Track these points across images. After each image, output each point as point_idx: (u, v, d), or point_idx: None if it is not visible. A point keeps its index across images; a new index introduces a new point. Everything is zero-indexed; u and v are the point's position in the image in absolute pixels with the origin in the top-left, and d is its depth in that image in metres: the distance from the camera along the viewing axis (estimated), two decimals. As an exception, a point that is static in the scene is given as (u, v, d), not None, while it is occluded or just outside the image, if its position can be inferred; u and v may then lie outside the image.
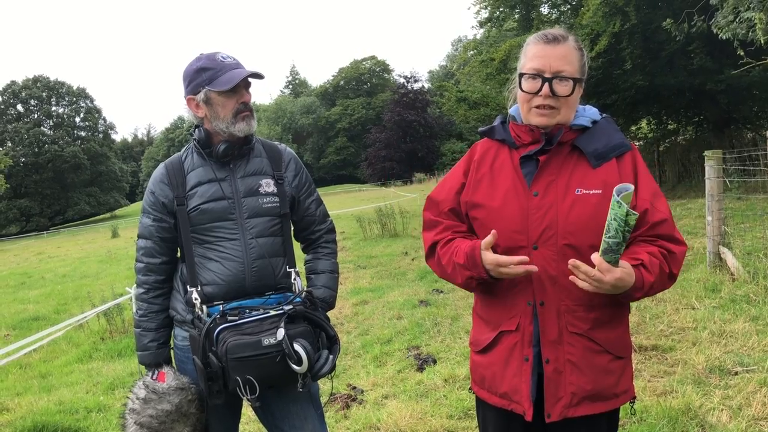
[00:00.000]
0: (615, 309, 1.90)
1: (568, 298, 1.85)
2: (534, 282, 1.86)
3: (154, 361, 2.39)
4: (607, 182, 1.83)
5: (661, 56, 13.76)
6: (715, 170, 6.56)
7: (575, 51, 1.88)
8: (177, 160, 2.41)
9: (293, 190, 2.48)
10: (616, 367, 1.90)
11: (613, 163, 1.87)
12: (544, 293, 1.86)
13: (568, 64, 1.84)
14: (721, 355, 4.32)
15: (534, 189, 1.88)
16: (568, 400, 1.86)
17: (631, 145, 1.91)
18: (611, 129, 1.92)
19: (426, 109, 63.26)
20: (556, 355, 1.87)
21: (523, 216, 1.87)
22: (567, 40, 1.87)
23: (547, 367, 1.87)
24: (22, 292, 14.16)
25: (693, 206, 11.27)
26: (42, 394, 5.67)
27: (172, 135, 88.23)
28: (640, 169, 1.88)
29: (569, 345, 1.86)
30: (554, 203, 1.85)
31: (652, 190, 1.87)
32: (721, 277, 6.15)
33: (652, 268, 1.77)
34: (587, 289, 1.73)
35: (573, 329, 1.86)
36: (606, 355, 1.88)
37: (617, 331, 1.92)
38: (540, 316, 1.87)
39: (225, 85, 2.24)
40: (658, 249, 1.82)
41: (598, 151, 1.87)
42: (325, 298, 2.51)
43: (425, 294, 7.72)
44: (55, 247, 31.47)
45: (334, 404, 4.39)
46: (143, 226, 2.41)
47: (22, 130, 68.96)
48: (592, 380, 1.87)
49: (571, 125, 1.91)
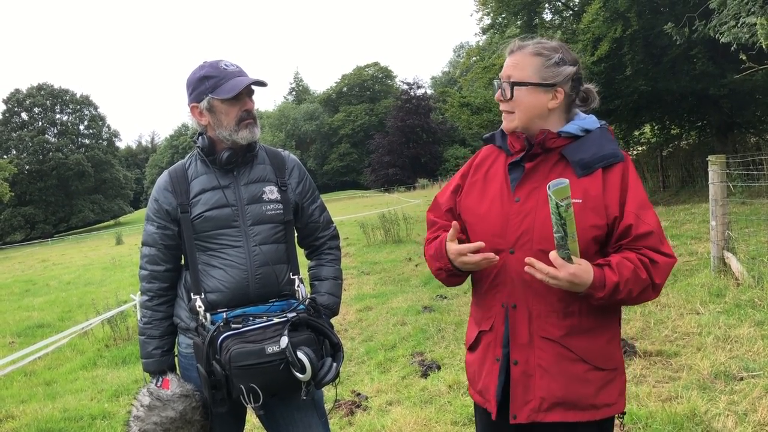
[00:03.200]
0: (597, 318, 1.88)
1: (542, 303, 1.87)
2: (509, 285, 1.92)
3: (159, 369, 2.39)
4: (589, 192, 1.84)
5: (664, 61, 13.76)
6: (718, 175, 6.55)
7: (529, 57, 1.92)
8: (181, 167, 2.42)
9: (297, 196, 2.48)
10: (595, 377, 1.87)
11: (599, 173, 1.87)
12: (517, 297, 1.90)
13: (517, 69, 1.92)
14: (727, 360, 4.31)
15: (517, 195, 1.93)
16: (537, 404, 1.88)
17: (624, 156, 1.91)
18: (604, 139, 1.93)
19: (429, 115, 63.29)
20: (526, 358, 1.89)
21: (504, 221, 1.92)
22: (523, 48, 1.94)
23: (515, 368, 1.90)
24: (27, 300, 14.18)
25: (697, 211, 11.25)
26: (47, 401, 5.68)
27: (176, 142, 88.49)
28: (630, 181, 1.87)
29: (540, 350, 1.88)
30: (533, 209, 1.88)
31: (639, 203, 1.85)
32: (726, 282, 6.13)
33: (621, 270, 1.75)
34: (547, 284, 1.75)
35: (544, 334, 1.87)
36: (582, 364, 1.87)
37: (598, 341, 1.89)
38: (511, 319, 1.91)
39: (228, 93, 2.25)
40: (638, 255, 1.80)
41: (584, 161, 1.87)
42: (329, 304, 2.51)
43: (429, 300, 7.71)
44: (60, 255, 31.53)
45: (339, 411, 4.38)
46: (147, 233, 2.42)
47: (26, 138, 69.26)
48: (564, 386, 1.86)
49: (560, 132, 1.92)
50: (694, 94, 14.87)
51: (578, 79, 1.97)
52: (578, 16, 15.73)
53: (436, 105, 58.95)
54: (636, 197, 1.86)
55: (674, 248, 8.19)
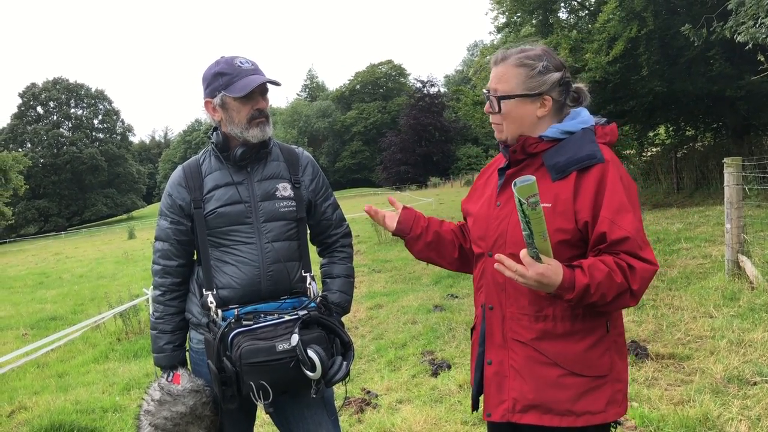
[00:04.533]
0: (575, 323, 1.84)
1: (514, 305, 1.90)
2: (485, 287, 2.00)
3: (170, 364, 2.39)
4: (559, 196, 1.82)
5: (680, 62, 13.63)
6: (734, 177, 6.49)
7: (512, 68, 1.91)
8: (195, 163, 2.42)
9: (310, 194, 2.48)
10: (572, 383, 1.83)
11: (572, 177, 1.83)
12: (492, 298, 1.97)
13: (501, 82, 1.92)
14: (740, 364, 4.27)
15: (498, 199, 1.99)
16: (510, 405, 1.90)
17: (603, 157, 1.83)
18: (584, 141, 1.87)
19: (442, 113, 63.21)
20: (500, 359, 1.94)
21: (485, 224, 2.00)
22: (506, 59, 1.93)
23: (489, 368, 1.96)
24: (40, 292, 14.31)
25: (711, 213, 11.15)
26: (59, 393, 5.72)
27: (189, 137, 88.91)
28: (607, 183, 1.80)
29: (512, 351, 1.91)
30: (509, 214, 1.92)
31: (616, 207, 1.77)
32: (740, 286, 6.08)
33: (593, 272, 1.69)
34: (516, 282, 1.72)
35: (515, 336, 1.90)
36: (555, 369, 1.84)
37: (575, 347, 1.84)
38: (487, 320, 1.98)
39: (240, 91, 2.25)
40: (615, 259, 1.74)
41: (559, 165, 1.85)
42: (341, 302, 2.51)
43: (440, 299, 7.70)
44: (73, 248, 31.79)
45: (349, 408, 4.38)
46: (160, 228, 2.42)
47: (41, 132, 69.92)
48: (534, 389, 1.86)
49: (541, 136, 1.91)
50: (710, 96, 14.74)
51: (566, 83, 1.95)
52: (594, 15, 15.62)
53: (450, 103, 58.81)
54: (613, 201, 1.78)
55: (688, 251, 8.14)
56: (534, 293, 1.83)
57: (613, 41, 13.16)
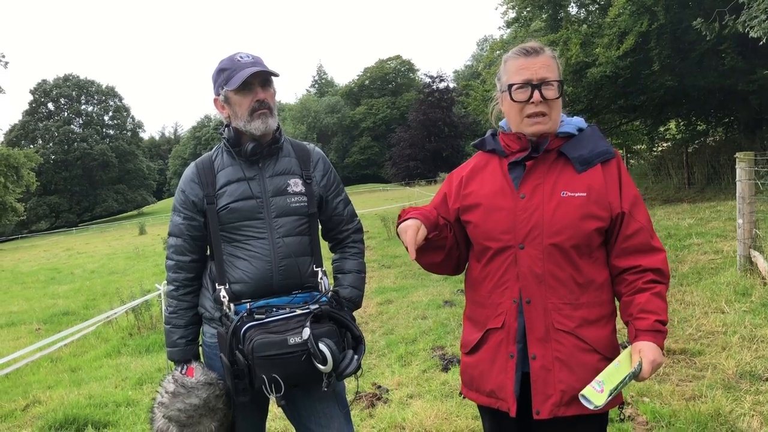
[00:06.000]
0: (599, 310, 1.96)
1: (554, 296, 1.93)
2: (521, 280, 1.95)
3: (183, 358, 2.42)
4: (592, 186, 1.93)
5: (691, 56, 13.53)
6: (746, 172, 6.45)
7: (552, 60, 1.99)
8: (207, 159, 2.44)
9: (321, 189, 2.49)
10: (603, 367, 1.90)
11: (598, 168, 1.96)
12: (530, 291, 1.94)
13: (550, 71, 1.96)
14: (752, 360, 4.25)
15: (521, 191, 1.98)
16: (558, 398, 1.90)
17: (614, 152, 2.00)
18: (596, 137, 2.02)
19: (451, 109, 62.95)
20: (543, 352, 1.93)
21: (511, 217, 1.98)
22: (544, 51, 1.99)
23: (534, 363, 1.93)
24: (52, 287, 14.42)
25: (723, 209, 11.08)
26: (72, 387, 5.78)
27: (199, 133, 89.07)
28: (623, 175, 1.98)
29: (557, 342, 1.92)
30: (540, 204, 1.94)
31: (632, 200, 1.95)
32: (752, 281, 6.04)
33: (657, 307, 1.90)
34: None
35: (560, 326, 1.92)
36: (594, 354, 1.93)
37: (605, 330, 1.96)
38: (527, 314, 1.95)
39: (235, 84, 2.27)
40: (645, 283, 1.92)
41: (583, 157, 1.96)
42: (352, 297, 2.52)
43: (450, 294, 7.71)
44: (84, 244, 31.98)
45: (360, 403, 4.40)
46: (174, 224, 2.44)
47: (52, 128, 70.29)
48: (581, 378, 1.89)
49: (557, 133, 2.00)
50: (722, 90, 14.63)
51: None
52: (604, 10, 15.50)
53: (459, 98, 58.68)
54: (629, 194, 1.96)
55: (699, 246, 8.10)
56: (572, 282, 1.92)
57: (624, 36, 13.08)
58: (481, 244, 2.06)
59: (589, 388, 1.79)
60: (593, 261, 1.96)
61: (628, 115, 18.19)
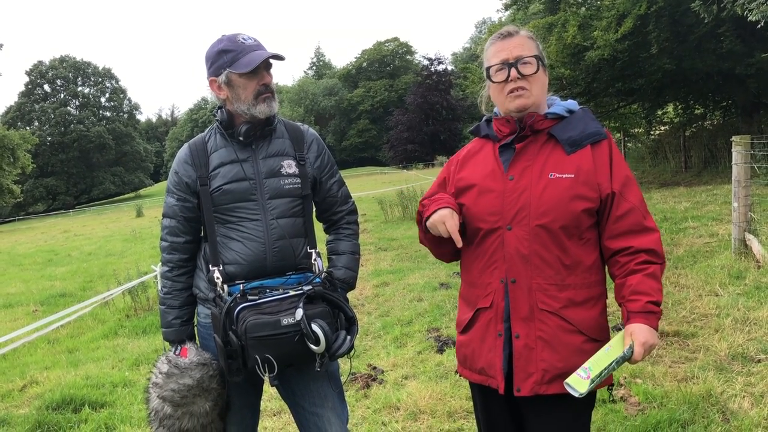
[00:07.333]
0: (588, 291, 1.97)
1: (540, 276, 1.95)
2: (507, 261, 1.98)
3: (178, 338, 2.43)
4: (581, 167, 1.95)
5: (690, 39, 13.46)
6: (742, 156, 6.46)
7: (528, 40, 2.02)
8: (201, 140, 2.43)
9: (315, 171, 2.48)
10: (590, 348, 1.93)
11: (588, 149, 1.97)
12: (516, 271, 1.97)
13: (526, 49, 1.99)
14: (745, 342, 4.28)
15: (510, 173, 2.01)
16: (539, 377, 1.94)
17: (606, 133, 2.01)
18: (587, 118, 2.03)
19: (449, 92, 62.69)
20: (527, 332, 1.95)
21: (500, 199, 2.00)
22: (519, 32, 2.03)
23: (517, 342, 1.97)
24: (50, 269, 14.44)
25: (719, 192, 11.10)
26: (69, 368, 5.81)
27: (196, 116, 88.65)
28: (614, 156, 1.99)
29: (540, 322, 1.95)
30: (528, 186, 1.97)
31: (623, 180, 1.96)
32: (746, 264, 6.07)
33: (650, 288, 1.89)
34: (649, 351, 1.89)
35: (544, 307, 1.94)
36: (579, 335, 1.95)
37: (592, 312, 1.98)
38: (511, 293, 1.98)
39: (245, 67, 2.25)
40: (637, 265, 1.92)
41: (573, 138, 1.98)
42: (346, 278, 2.52)
43: (446, 277, 7.73)
44: (81, 226, 31.97)
45: (355, 384, 4.43)
46: (168, 205, 2.45)
47: (48, 110, 69.92)
48: (564, 358, 1.93)
49: (546, 114, 2.02)
50: (720, 74, 14.57)
51: None
52: (603, -8, 15.41)
53: (457, 81, 58.41)
54: (620, 174, 1.97)
55: (694, 229, 8.12)
56: (558, 263, 1.94)
57: (623, 18, 13.01)
58: (472, 225, 2.07)
59: (574, 376, 1.80)
60: (583, 242, 1.97)
61: (626, 99, 18.14)
